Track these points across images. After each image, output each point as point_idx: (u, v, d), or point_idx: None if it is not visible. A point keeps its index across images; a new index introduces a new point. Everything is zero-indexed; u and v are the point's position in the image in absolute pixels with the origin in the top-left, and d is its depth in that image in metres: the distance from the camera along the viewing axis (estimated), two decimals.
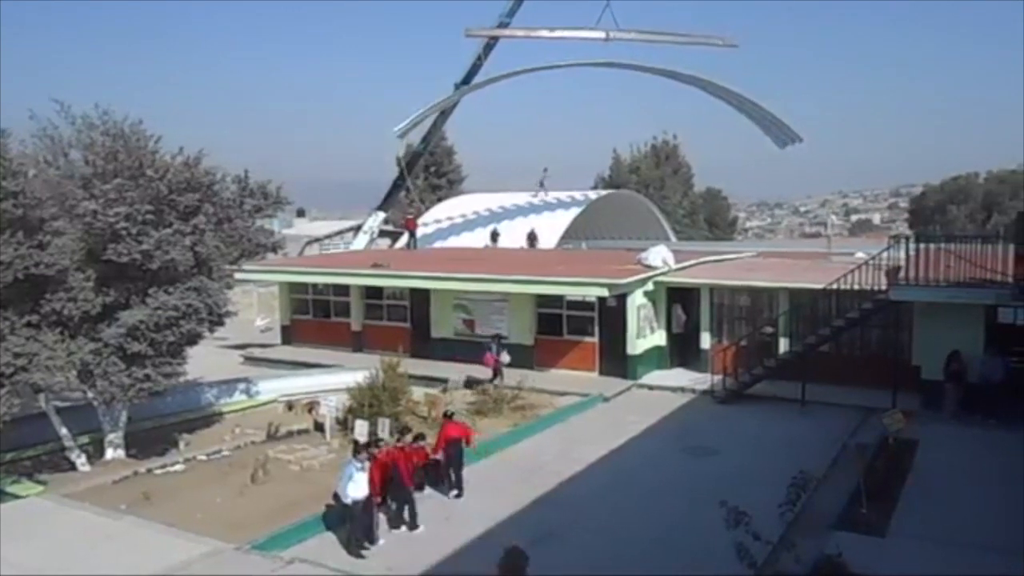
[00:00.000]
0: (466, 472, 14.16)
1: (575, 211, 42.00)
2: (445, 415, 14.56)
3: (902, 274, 17.99)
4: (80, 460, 15.27)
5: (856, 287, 18.63)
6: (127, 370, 14.73)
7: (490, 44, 39.93)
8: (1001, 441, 15.92)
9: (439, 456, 13.80)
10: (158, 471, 15.26)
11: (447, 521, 12.56)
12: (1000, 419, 16.73)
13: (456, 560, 11.36)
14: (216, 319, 15.85)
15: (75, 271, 14.27)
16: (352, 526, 11.60)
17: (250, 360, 26.24)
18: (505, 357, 21.10)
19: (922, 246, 18.48)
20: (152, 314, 14.47)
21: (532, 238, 37.93)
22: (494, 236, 38.80)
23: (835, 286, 18.92)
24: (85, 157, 14.98)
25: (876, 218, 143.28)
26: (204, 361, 19.31)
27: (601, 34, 37.00)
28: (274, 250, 17.85)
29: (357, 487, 11.51)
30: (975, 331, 17.98)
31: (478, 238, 40.27)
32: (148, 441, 16.63)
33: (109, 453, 15.81)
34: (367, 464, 11.82)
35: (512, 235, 38.87)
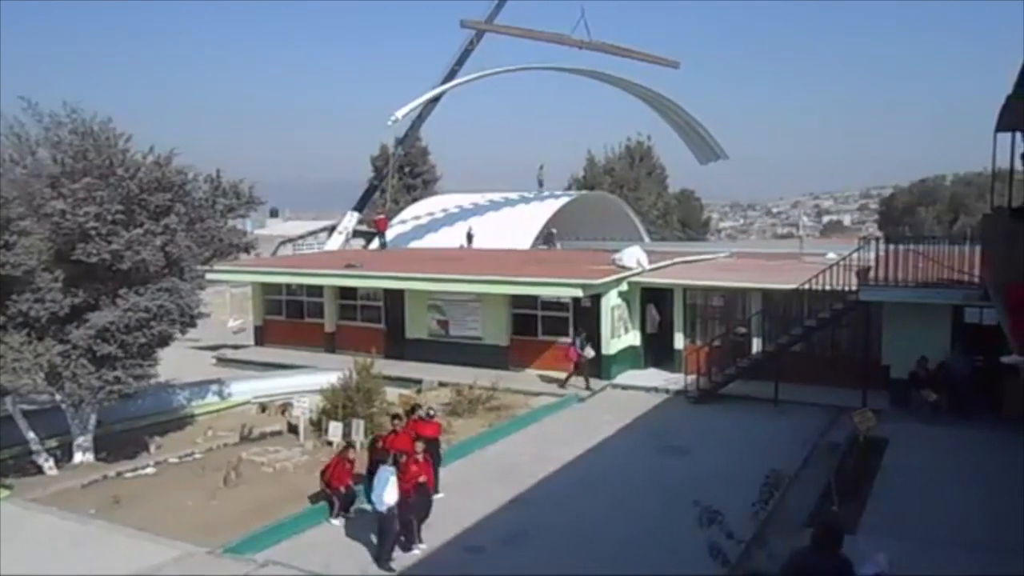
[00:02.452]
0: (440, 473, 14.15)
1: (549, 212, 42.15)
2: (426, 415, 14.11)
3: (872, 275, 18.26)
4: (47, 464, 15.01)
5: (827, 288, 18.85)
6: (96, 372, 14.50)
7: (478, 36, 40.62)
8: (968, 439, 16.18)
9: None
10: (128, 474, 15.05)
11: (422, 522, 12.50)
12: (968, 417, 17.01)
13: (430, 560, 11.35)
14: (188, 320, 15.66)
15: (42, 271, 14.01)
16: (385, 536, 11.14)
17: (223, 361, 25.98)
18: (589, 352, 21.04)
19: (891, 247, 18.77)
20: (122, 315, 14.26)
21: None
22: (469, 237, 38.82)
23: (807, 287, 19.14)
24: (53, 156, 14.73)
25: (847, 219, 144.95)
26: (176, 363, 19.06)
27: (577, 41, 39.07)
28: (247, 250, 17.69)
29: (391, 493, 11.04)
30: (943, 331, 18.30)
31: (453, 238, 40.26)
32: (118, 444, 16.39)
33: (77, 456, 15.56)
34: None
35: (488, 235, 38.91)
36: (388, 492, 10.99)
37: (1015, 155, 13.55)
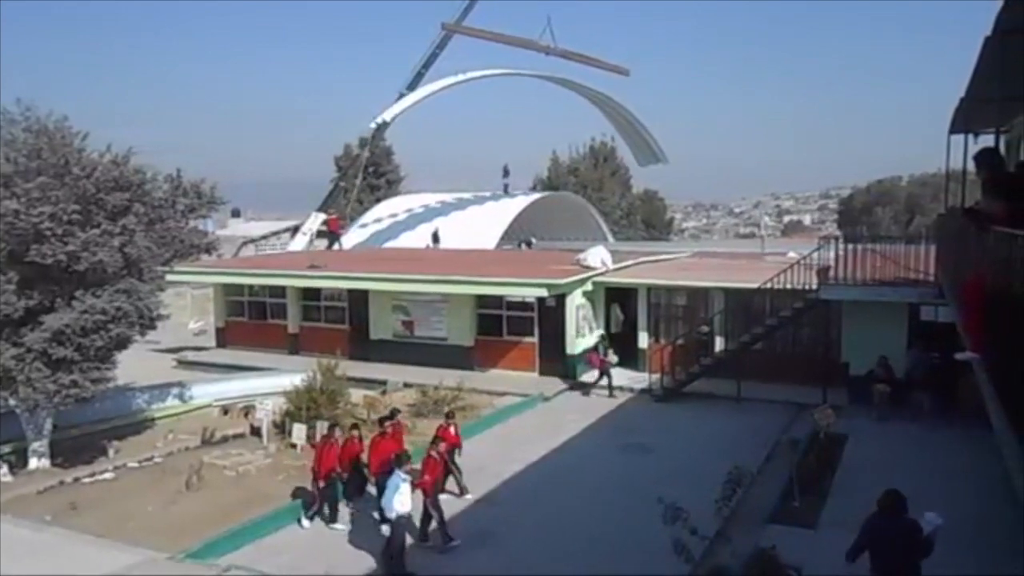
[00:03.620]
0: None
1: (514, 212, 42.21)
2: (447, 415, 14.38)
3: (831, 274, 18.57)
4: (1, 470, 14.66)
5: (788, 286, 19.14)
6: (52, 376, 14.18)
7: (445, 39, 40.60)
8: (924, 434, 16.53)
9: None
10: (86, 480, 14.76)
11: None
12: (924, 413, 17.37)
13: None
14: (147, 322, 15.41)
15: None
16: (392, 541, 10.84)
17: (184, 364, 25.60)
18: (612, 357, 21.00)
19: (850, 247, 19.11)
20: (79, 318, 13.98)
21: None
22: (435, 237, 38.67)
23: (768, 285, 19.41)
24: (6, 154, 14.36)
25: (807, 219, 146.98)
26: (135, 365, 18.74)
27: (545, 46, 40.16)
28: (208, 251, 17.46)
29: (403, 501, 10.75)
30: (900, 329, 18.69)
31: (418, 238, 40.12)
32: (75, 449, 16.06)
33: (33, 462, 15.22)
34: (411, 477, 11.02)
35: (454, 235, 38.84)
36: (399, 499, 10.68)
37: (968, 156, 13.87)
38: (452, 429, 14.01)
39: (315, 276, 25.36)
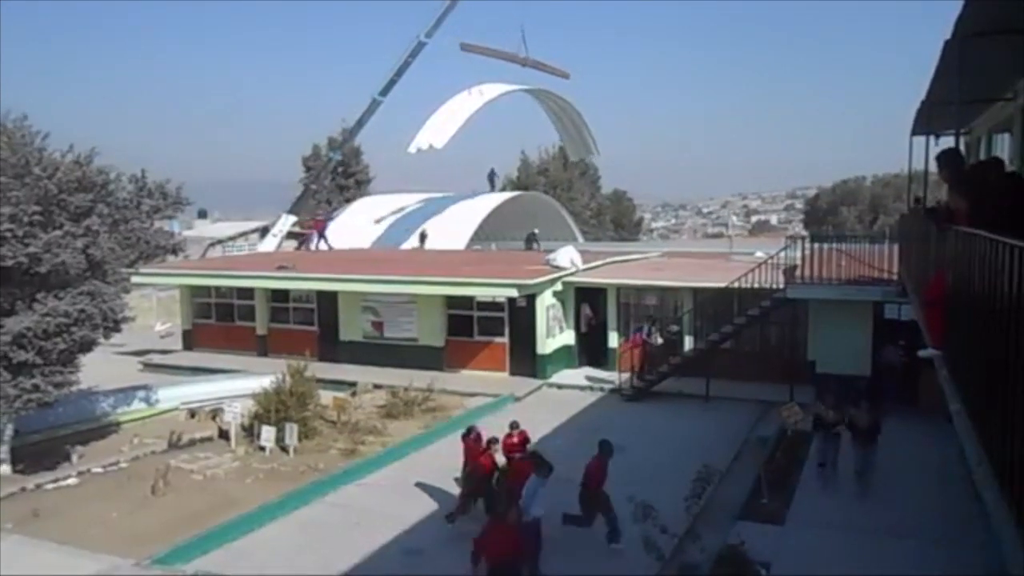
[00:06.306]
0: (377, 476, 14.03)
1: (484, 212, 42.21)
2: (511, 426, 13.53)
3: (798, 273, 18.82)
4: None
5: (756, 286, 19.36)
6: (13, 380, 13.88)
7: (418, 47, 40.12)
8: (887, 430, 16.76)
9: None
10: (49, 486, 14.48)
11: (357, 526, 12.39)
12: (887, 409, 17.65)
13: (368, 563, 11.26)
14: (112, 325, 15.15)
15: None
16: (535, 542, 10.60)
17: (150, 367, 25.23)
18: (657, 338, 20.78)
19: (816, 246, 19.39)
20: (40, 321, 13.71)
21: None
22: (423, 237, 38.48)
23: (736, 285, 19.61)
24: None
25: (774, 219, 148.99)
26: (100, 369, 18.45)
27: (522, 59, 41.16)
28: (174, 252, 17.22)
29: (541, 504, 10.68)
30: (865, 327, 18.99)
31: (401, 238, 39.96)
32: (37, 455, 15.72)
33: None
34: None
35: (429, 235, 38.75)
36: (536, 505, 10.66)
37: (929, 158, 14.13)
38: (514, 437, 13.31)
39: (283, 277, 25.13)
